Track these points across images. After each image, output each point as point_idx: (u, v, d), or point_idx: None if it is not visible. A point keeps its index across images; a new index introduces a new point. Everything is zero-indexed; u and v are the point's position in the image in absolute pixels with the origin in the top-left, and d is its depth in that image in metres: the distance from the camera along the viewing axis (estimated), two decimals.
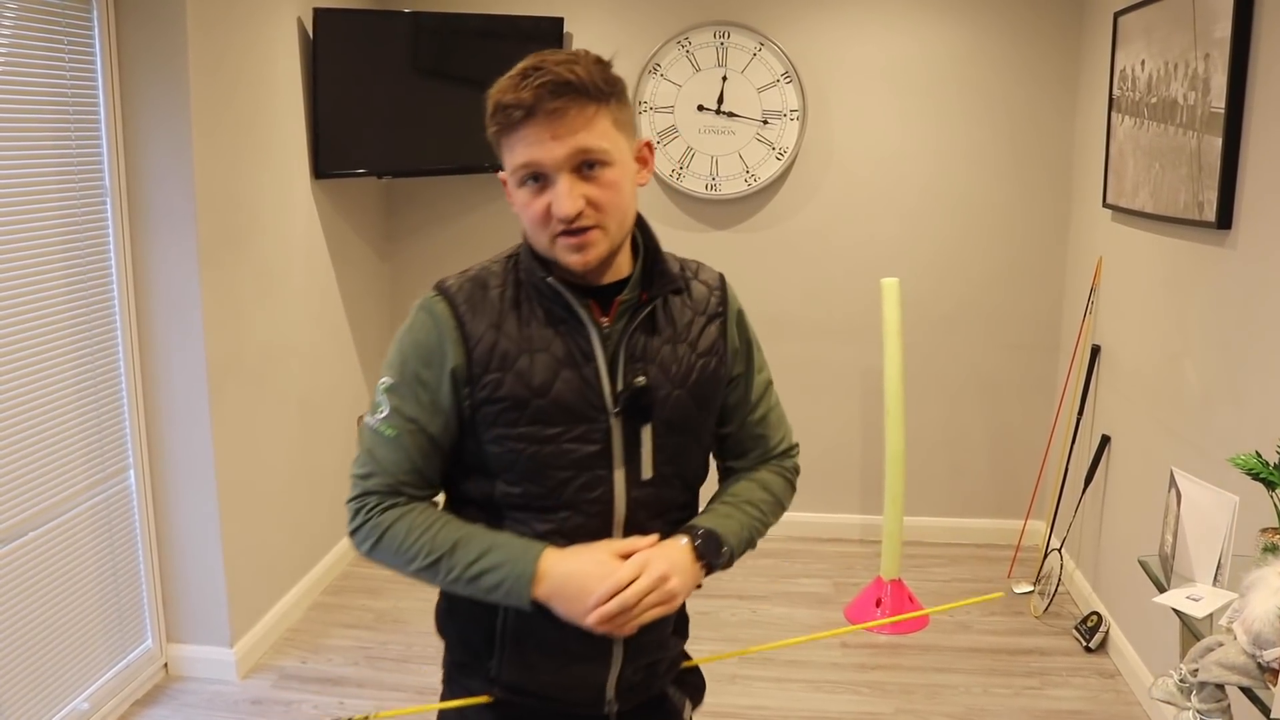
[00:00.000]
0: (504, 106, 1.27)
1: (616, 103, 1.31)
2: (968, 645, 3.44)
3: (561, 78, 1.25)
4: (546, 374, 1.34)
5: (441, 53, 3.86)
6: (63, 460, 2.75)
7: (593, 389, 1.36)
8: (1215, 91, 2.62)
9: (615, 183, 1.30)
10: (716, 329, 1.46)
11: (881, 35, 4.02)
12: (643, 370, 1.38)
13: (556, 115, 1.25)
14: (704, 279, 1.49)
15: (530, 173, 1.29)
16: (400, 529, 1.35)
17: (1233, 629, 1.64)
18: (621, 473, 1.38)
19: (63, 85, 2.68)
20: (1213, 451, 2.62)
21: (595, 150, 1.28)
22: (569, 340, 1.36)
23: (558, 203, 1.27)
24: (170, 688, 3.14)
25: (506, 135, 1.29)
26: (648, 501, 1.40)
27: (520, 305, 1.37)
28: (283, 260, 3.47)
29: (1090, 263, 3.74)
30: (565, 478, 1.36)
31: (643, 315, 1.39)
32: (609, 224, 1.31)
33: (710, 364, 1.44)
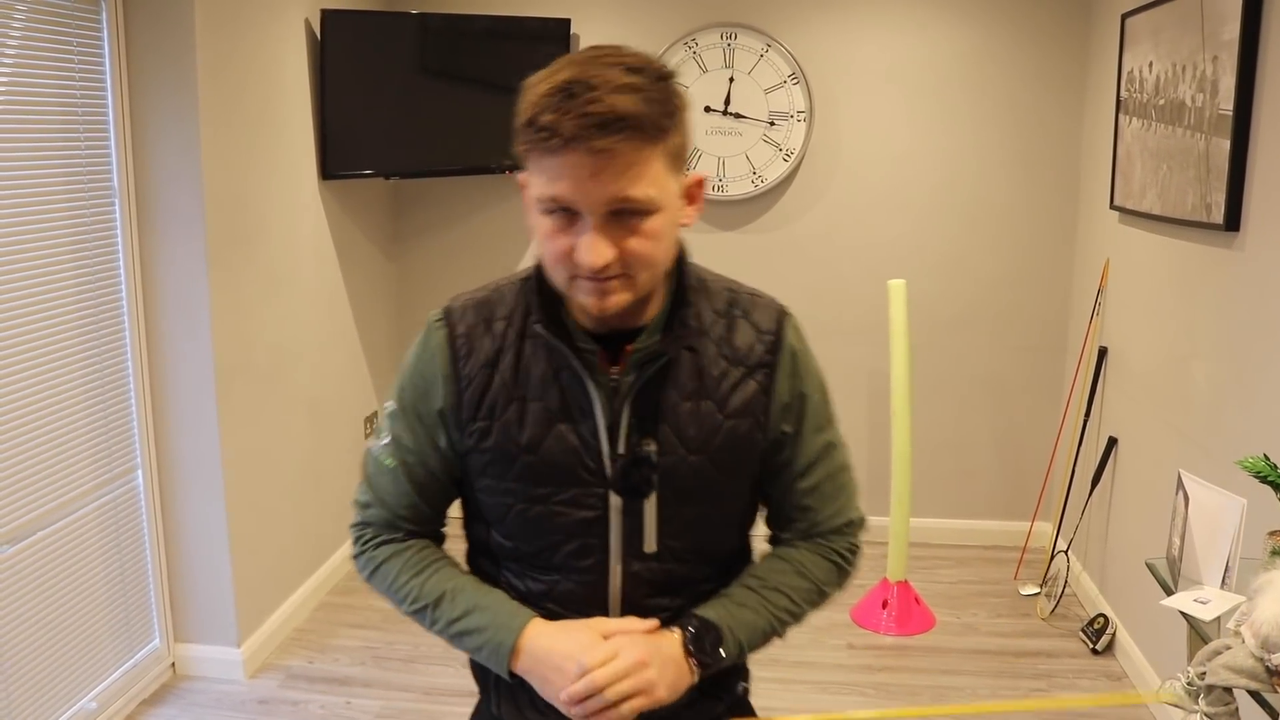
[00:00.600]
0: (540, 128, 1.05)
1: (673, 135, 1.10)
2: (974, 647, 3.43)
3: (616, 111, 1.02)
4: (537, 428, 1.19)
5: (449, 54, 3.87)
6: (71, 460, 2.76)
7: (589, 451, 1.19)
8: (1224, 93, 2.62)
9: (655, 233, 1.10)
10: (757, 384, 1.23)
11: (888, 37, 4.02)
12: (653, 433, 1.19)
13: (602, 155, 1.04)
14: (756, 320, 1.25)
15: (556, 207, 1.09)
16: (393, 567, 1.27)
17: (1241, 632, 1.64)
18: (619, 543, 1.22)
19: (72, 86, 2.69)
20: (1220, 454, 2.62)
21: (639, 200, 1.07)
22: (568, 391, 1.19)
23: (583, 251, 1.08)
24: (177, 687, 3.15)
25: (536, 155, 1.08)
26: (651, 578, 1.23)
27: (524, 341, 1.22)
28: (290, 261, 3.48)
29: (1097, 264, 3.73)
30: (556, 540, 1.22)
31: (656, 368, 1.19)
32: (638, 275, 1.12)
33: (742, 426, 1.22)
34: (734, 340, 1.23)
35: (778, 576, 1.28)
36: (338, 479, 3.91)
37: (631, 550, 1.22)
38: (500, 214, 4.31)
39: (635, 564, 1.23)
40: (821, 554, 1.31)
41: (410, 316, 4.46)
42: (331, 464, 3.85)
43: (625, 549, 1.22)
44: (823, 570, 1.30)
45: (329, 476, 3.83)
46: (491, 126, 3.96)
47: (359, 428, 4.11)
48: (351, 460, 4.04)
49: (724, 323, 1.24)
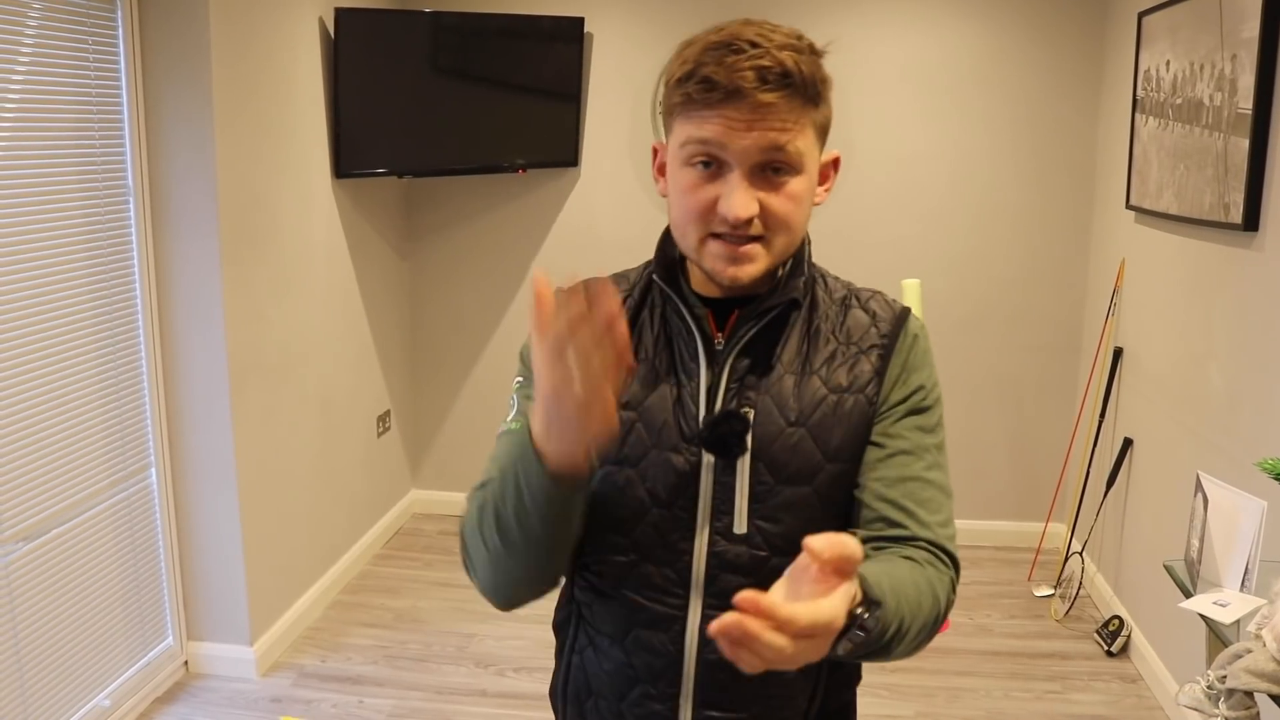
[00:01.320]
0: (704, 80, 1.04)
1: (823, 105, 1.10)
2: (988, 649, 3.42)
3: (783, 66, 1.03)
4: (642, 387, 1.16)
5: (462, 52, 3.87)
6: (85, 459, 2.76)
7: (686, 414, 1.15)
8: (1243, 92, 2.60)
9: (798, 195, 1.09)
10: (870, 364, 1.17)
11: (902, 35, 4.01)
12: (751, 401, 1.14)
13: (763, 109, 1.03)
14: (872, 308, 1.21)
15: (706, 154, 1.06)
16: (474, 503, 1.10)
17: (1261, 636, 1.63)
18: (706, 517, 1.14)
19: (87, 85, 2.69)
20: (1238, 455, 2.60)
21: (790, 154, 1.06)
22: (679, 354, 1.17)
23: (728, 200, 1.05)
24: (191, 685, 3.16)
25: (689, 109, 1.07)
26: (739, 564, 1.14)
27: (643, 307, 1.21)
28: (303, 259, 3.48)
29: (1113, 264, 3.71)
30: (639, 509, 1.15)
31: (755, 332, 1.15)
32: (776, 240, 1.10)
33: (847, 402, 1.15)
34: (847, 324, 1.19)
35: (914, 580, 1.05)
36: (350, 478, 3.91)
37: (719, 528, 1.14)
38: (513, 212, 4.31)
39: (722, 544, 1.14)
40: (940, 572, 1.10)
41: (423, 315, 4.47)
42: (344, 463, 3.86)
43: (713, 526, 1.14)
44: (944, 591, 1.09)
45: (341, 475, 3.84)
46: (504, 125, 3.96)
47: (372, 426, 4.11)
48: (365, 459, 4.05)
49: (839, 310, 1.21)
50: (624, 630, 1.19)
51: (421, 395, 4.54)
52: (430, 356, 4.50)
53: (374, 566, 4.05)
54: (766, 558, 1.14)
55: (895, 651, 1.02)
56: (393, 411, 4.31)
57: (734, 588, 1.00)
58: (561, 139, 4.10)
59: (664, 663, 1.17)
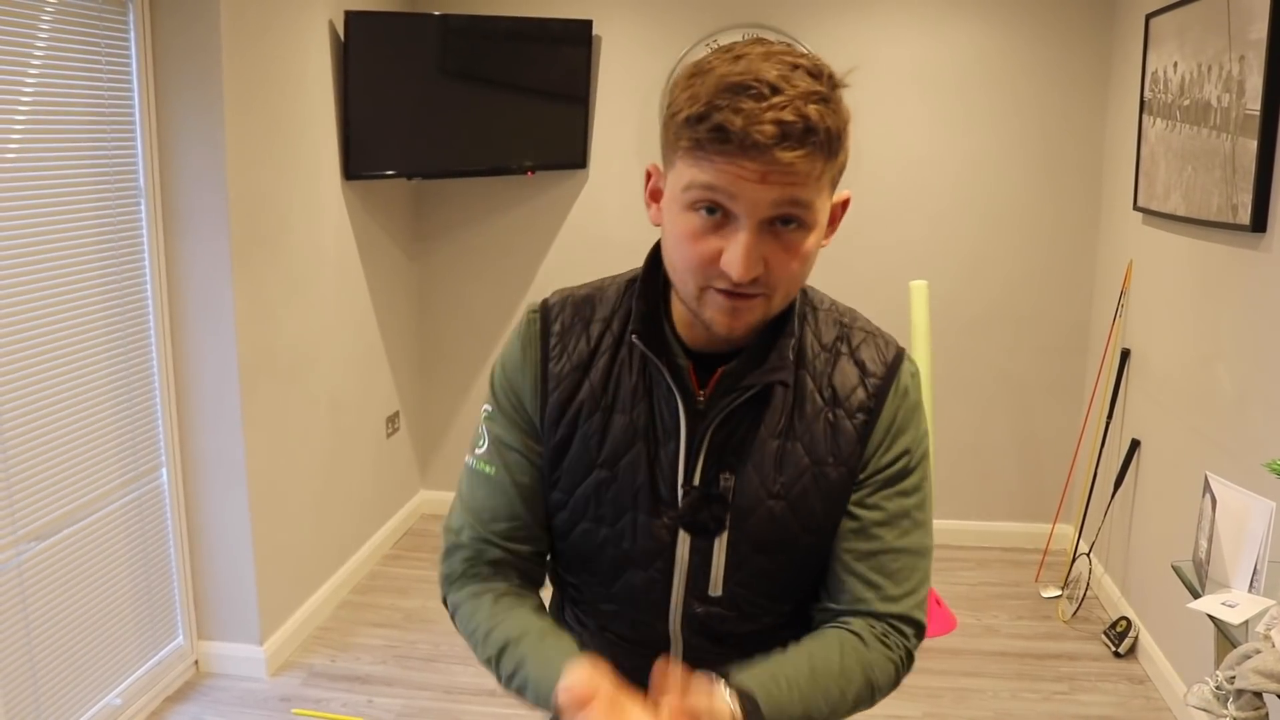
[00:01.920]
0: (717, 128, 0.94)
1: (843, 155, 1.01)
2: (996, 649, 3.42)
3: (807, 121, 0.93)
4: (618, 444, 1.12)
5: (471, 55, 3.88)
6: (97, 458, 2.78)
7: (664, 478, 1.11)
8: (1250, 93, 2.60)
9: (805, 252, 1.01)
10: (853, 429, 1.11)
11: (910, 37, 4.01)
12: (733, 467, 1.10)
13: (782, 167, 0.94)
14: (863, 359, 1.13)
15: (711, 201, 0.97)
16: (466, 611, 1.16)
17: (1270, 636, 1.63)
18: (683, 580, 1.13)
19: (99, 86, 2.71)
20: (1246, 456, 2.60)
21: (802, 205, 0.97)
22: (658, 409, 1.11)
23: (732, 258, 0.97)
24: (201, 684, 3.17)
25: (696, 151, 0.97)
26: (711, 623, 1.14)
27: (619, 347, 1.13)
28: (313, 261, 3.50)
29: (1120, 266, 3.71)
30: (617, 568, 1.15)
31: (742, 399, 1.09)
32: (776, 295, 1.02)
33: (831, 475, 1.11)
34: (834, 379, 1.12)
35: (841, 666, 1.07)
36: (359, 477, 3.93)
37: (695, 590, 1.13)
38: (521, 215, 4.32)
39: (697, 605, 1.14)
40: (886, 653, 1.10)
41: (432, 316, 4.48)
42: (354, 464, 3.87)
43: (689, 587, 1.13)
44: (884, 674, 1.10)
45: (351, 476, 3.85)
46: (513, 127, 3.98)
47: (381, 427, 4.13)
48: (374, 460, 4.07)
49: (827, 357, 1.13)
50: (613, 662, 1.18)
51: (430, 396, 4.55)
52: (439, 358, 4.52)
53: (383, 567, 4.07)
54: (737, 618, 1.15)
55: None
56: (402, 412, 4.32)
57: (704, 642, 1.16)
58: (570, 141, 4.11)
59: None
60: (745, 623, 1.15)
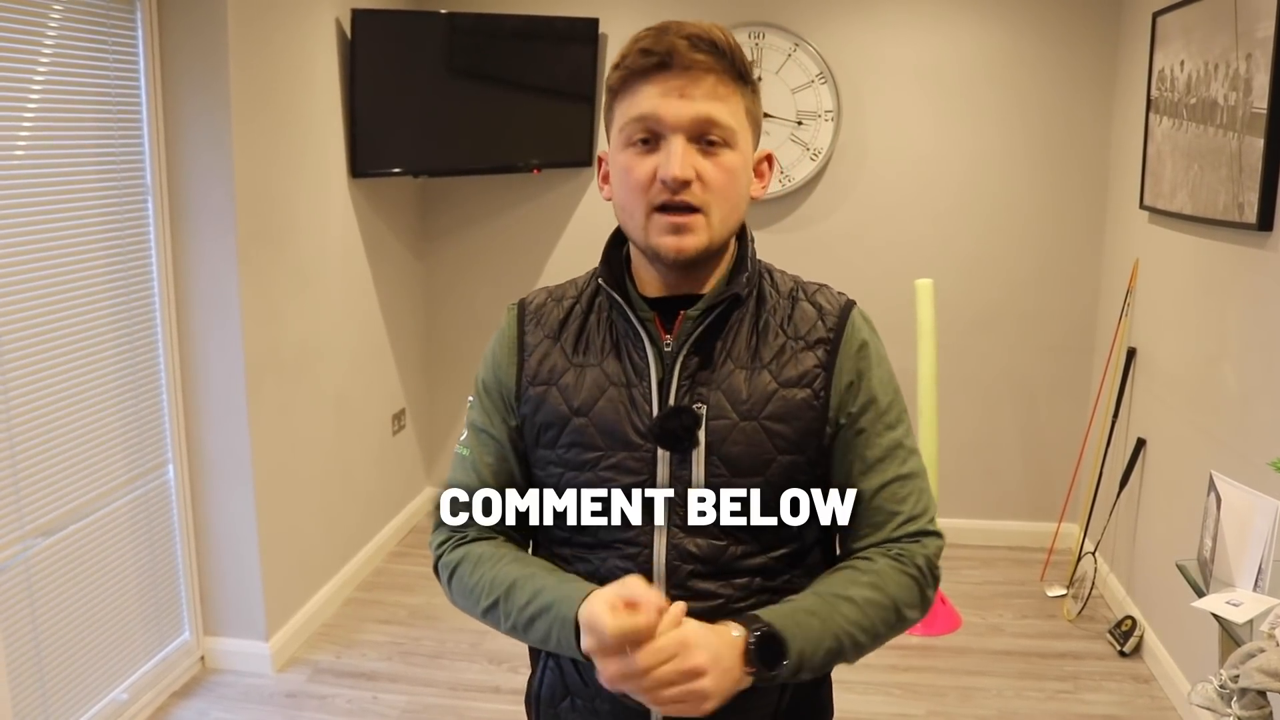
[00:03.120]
0: (639, 50, 1.13)
1: (751, 94, 1.18)
2: (1001, 648, 3.42)
3: (709, 34, 1.12)
4: (591, 391, 1.20)
5: (477, 53, 3.89)
6: (103, 455, 2.79)
7: (639, 412, 1.18)
8: (1257, 92, 2.60)
9: (733, 169, 1.14)
10: (816, 359, 1.19)
11: (916, 36, 4.01)
12: (703, 397, 1.17)
13: (694, 72, 1.12)
14: (818, 300, 1.24)
15: (644, 129, 1.13)
16: (467, 567, 1.22)
17: (1275, 635, 1.63)
18: (663, 513, 1.17)
19: (106, 84, 2.72)
20: (1251, 456, 2.60)
21: (723, 125, 1.13)
22: (626, 357, 1.21)
23: (667, 163, 1.11)
24: (207, 680, 3.19)
25: (629, 86, 1.15)
26: (699, 555, 1.17)
27: (589, 315, 1.25)
28: (320, 258, 3.51)
29: (1126, 264, 3.70)
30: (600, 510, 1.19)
31: (701, 329, 1.19)
32: (714, 212, 1.14)
33: (798, 395, 1.18)
34: (795, 318, 1.22)
35: (850, 587, 1.15)
36: (365, 475, 3.94)
37: (676, 520, 1.17)
38: (528, 212, 4.33)
39: (679, 536, 1.17)
40: (898, 566, 1.17)
41: (438, 313, 4.49)
42: (359, 460, 3.88)
43: (670, 518, 1.17)
44: (900, 586, 1.16)
45: (357, 472, 3.86)
46: (519, 125, 3.98)
47: (387, 424, 4.14)
48: (380, 457, 4.07)
49: (787, 303, 1.24)
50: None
51: (436, 393, 4.56)
52: (445, 355, 4.53)
53: (388, 563, 4.08)
54: (725, 547, 1.18)
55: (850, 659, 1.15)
56: (408, 410, 4.33)
57: (690, 577, 1.18)
58: (576, 139, 4.12)
59: None
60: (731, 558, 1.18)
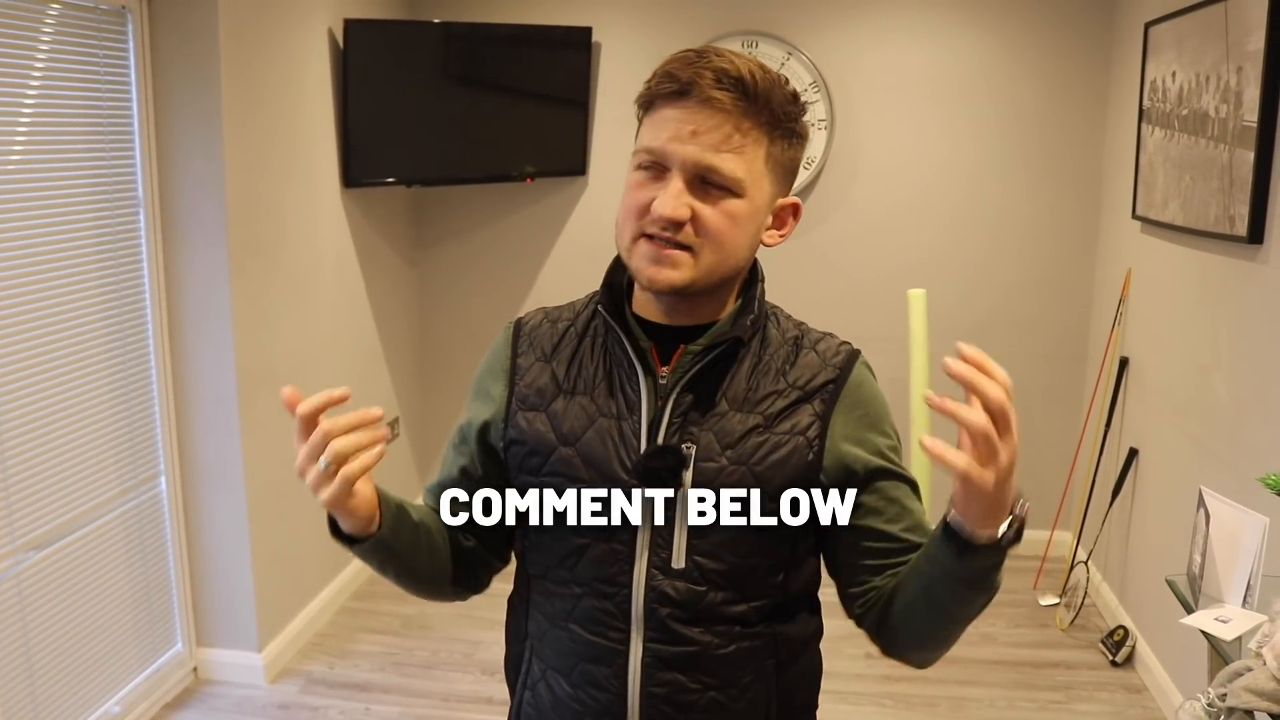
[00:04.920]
0: (661, 74, 1.10)
1: (784, 141, 1.12)
2: (993, 658, 3.42)
3: (738, 71, 1.07)
4: (580, 420, 1.17)
5: (471, 62, 3.89)
6: (96, 467, 2.79)
7: (627, 446, 1.16)
8: (1248, 104, 2.60)
9: (734, 215, 1.10)
10: (813, 410, 1.17)
11: (910, 45, 4.01)
12: (694, 437, 1.14)
13: (709, 107, 1.07)
14: (822, 349, 1.21)
15: (651, 160, 1.11)
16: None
17: (1262, 654, 1.63)
18: (645, 552, 1.15)
19: (98, 97, 2.72)
20: (1243, 468, 2.60)
21: (727, 176, 1.08)
22: (619, 388, 1.18)
23: (661, 199, 1.08)
24: (200, 691, 3.18)
25: (650, 108, 1.13)
26: (677, 599, 1.15)
27: (583, 340, 1.22)
28: (313, 268, 3.50)
29: (1119, 274, 3.71)
30: (580, 545, 1.17)
31: (699, 368, 1.16)
32: (704, 254, 1.10)
33: (788, 443, 1.15)
34: (796, 365, 1.19)
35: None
36: None
37: (657, 562, 1.15)
38: (522, 221, 4.33)
39: (660, 578, 1.14)
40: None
41: (432, 323, 4.49)
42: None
43: (651, 560, 1.15)
44: None
45: None
46: (513, 134, 3.98)
47: None
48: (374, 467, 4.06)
49: (790, 349, 1.20)
50: (570, 664, 1.21)
51: (430, 403, 4.56)
52: (439, 364, 4.52)
53: None
54: (704, 592, 1.15)
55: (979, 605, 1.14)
56: (401, 419, 4.33)
57: (671, 620, 1.15)
58: (570, 148, 4.12)
59: (608, 697, 1.18)
60: (712, 604, 1.15)
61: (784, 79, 1.12)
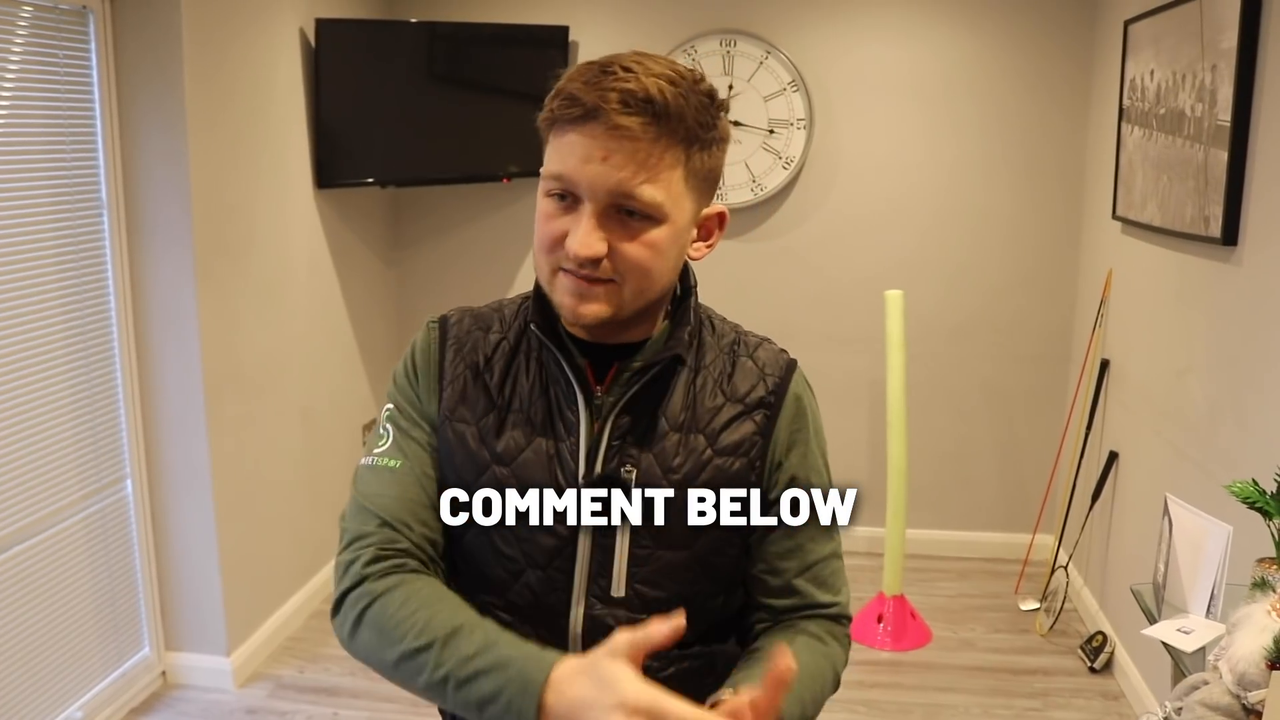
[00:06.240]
0: (563, 95, 1.01)
1: (703, 152, 1.05)
2: (971, 664, 3.39)
3: (646, 92, 0.98)
4: (514, 439, 1.11)
5: (445, 62, 3.85)
6: (60, 469, 2.75)
7: (566, 470, 1.10)
8: (1222, 104, 2.57)
9: (655, 244, 1.04)
10: (754, 425, 1.13)
11: (889, 44, 3.97)
12: (634, 460, 1.10)
13: (619, 135, 0.98)
14: (760, 358, 1.17)
15: (561, 188, 1.03)
16: (396, 598, 1.04)
17: (1219, 667, 1.60)
18: (583, 581, 1.10)
19: (58, 98, 2.68)
20: (1217, 472, 2.56)
21: (644, 203, 1.01)
22: (556, 405, 1.12)
23: (574, 236, 1.02)
24: (167, 696, 3.15)
25: (555, 129, 1.03)
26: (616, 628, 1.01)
27: (517, 353, 1.15)
28: (283, 270, 3.47)
29: (1100, 275, 3.67)
30: (515, 570, 1.11)
31: (637, 388, 1.11)
32: (626, 286, 1.05)
33: (733, 465, 1.12)
34: (734, 377, 1.15)
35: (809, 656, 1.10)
36: (333, 487, 3.90)
37: (596, 591, 1.10)
38: (500, 221, 4.29)
39: (599, 607, 1.09)
40: (840, 648, 1.16)
41: (410, 323, 4.45)
42: (327, 472, 3.84)
43: (590, 587, 1.10)
44: (841, 658, 1.16)
45: (324, 484, 3.82)
46: (490, 134, 3.95)
47: (356, 435, 4.10)
48: (349, 468, 4.03)
49: (726, 359, 1.16)
50: None
51: None
52: None
53: None
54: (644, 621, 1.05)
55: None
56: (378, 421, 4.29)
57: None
58: None
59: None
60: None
61: (698, 79, 1.04)
